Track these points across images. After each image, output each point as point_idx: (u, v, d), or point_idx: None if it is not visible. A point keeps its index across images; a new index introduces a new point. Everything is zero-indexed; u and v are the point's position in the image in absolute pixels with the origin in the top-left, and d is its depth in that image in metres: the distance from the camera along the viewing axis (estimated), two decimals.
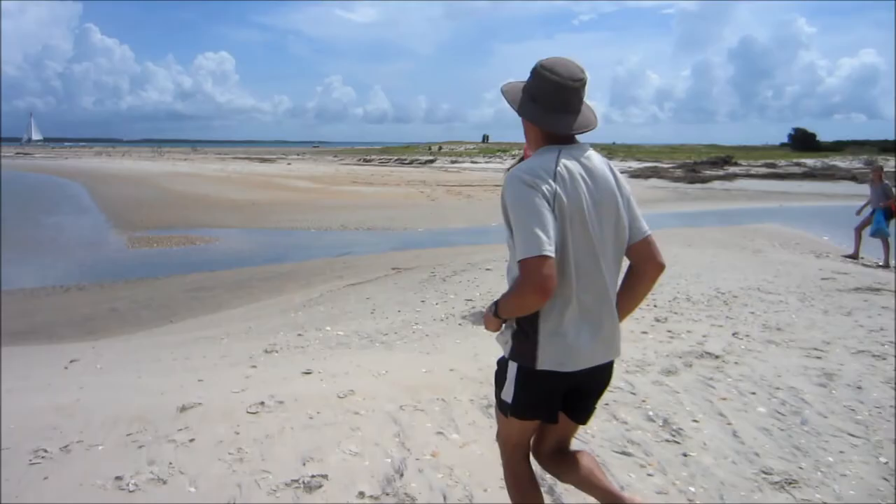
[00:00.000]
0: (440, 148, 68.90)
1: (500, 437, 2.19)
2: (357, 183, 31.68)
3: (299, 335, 5.96)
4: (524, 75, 1.99)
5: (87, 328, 7.25)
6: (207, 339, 6.22)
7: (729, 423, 3.38)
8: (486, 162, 50.69)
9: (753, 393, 3.77)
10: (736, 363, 4.31)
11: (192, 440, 3.15)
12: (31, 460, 2.95)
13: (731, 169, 39.82)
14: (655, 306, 6.17)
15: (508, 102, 1.99)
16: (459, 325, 5.97)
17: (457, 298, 7.09)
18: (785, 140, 71.64)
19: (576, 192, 1.83)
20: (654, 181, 33.82)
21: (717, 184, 32.36)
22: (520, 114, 1.96)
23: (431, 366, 4.49)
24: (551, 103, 1.88)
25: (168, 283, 9.73)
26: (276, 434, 3.23)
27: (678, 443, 3.19)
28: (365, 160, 58.29)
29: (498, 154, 56.43)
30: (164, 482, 2.77)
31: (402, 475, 2.87)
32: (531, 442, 2.20)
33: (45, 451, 3.03)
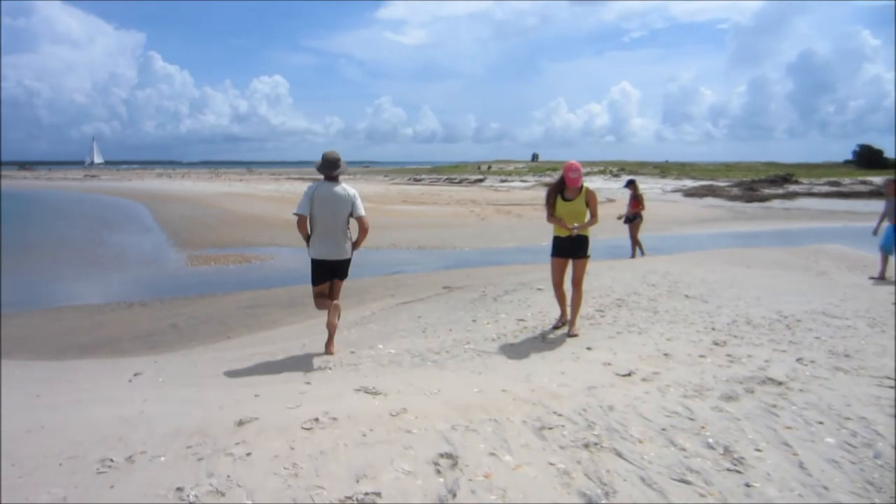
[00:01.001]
0: (489, 167, 69.00)
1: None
2: (407, 202, 31.99)
3: (352, 353, 6.02)
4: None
5: (150, 343, 7.49)
6: (263, 354, 6.33)
7: (795, 454, 3.24)
8: (536, 181, 50.53)
9: (821, 422, 3.61)
10: (801, 390, 4.14)
11: (248, 454, 3.21)
12: (98, 469, 3.05)
13: (792, 187, 38.58)
14: (714, 329, 6.00)
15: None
16: (511, 345, 5.93)
17: (508, 318, 7.05)
18: (849, 157, 69.11)
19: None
20: (709, 200, 33.10)
21: (776, 202, 31.41)
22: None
23: (483, 386, 4.47)
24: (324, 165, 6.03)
25: (225, 300, 9.98)
26: (330, 450, 3.25)
27: (740, 472, 3.08)
28: (415, 179, 58.85)
29: (548, 172, 56.17)
30: (223, 494, 2.83)
31: (454, 495, 2.85)
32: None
33: (112, 460, 3.13)
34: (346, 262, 6.15)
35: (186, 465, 3.09)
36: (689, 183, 43.45)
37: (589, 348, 5.58)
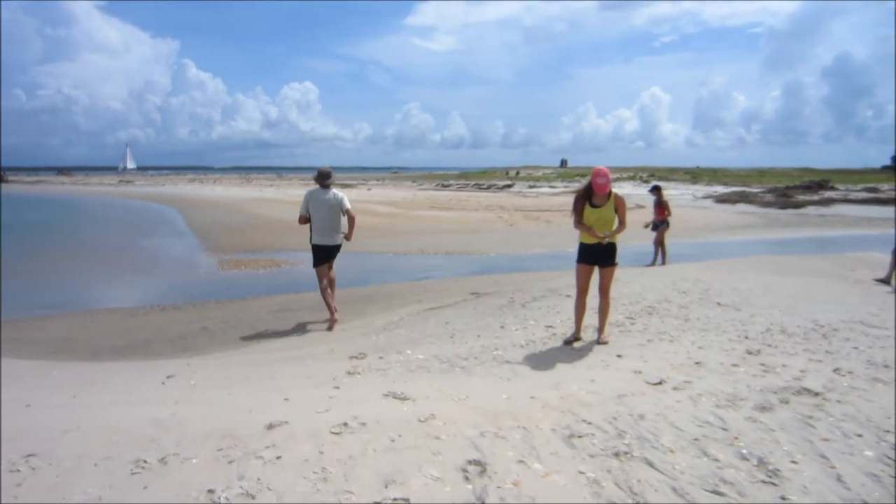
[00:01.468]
0: (518, 173, 68.84)
1: None
2: (435, 208, 32.04)
3: (380, 358, 6.04)
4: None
5: (182, 345, 7.60)
6: (293, 359, 6.39)
7: (832, 467, 3.17)
8: (565, 187, 50.24)
9: (859, 435, 3.53)
10: (839, 402, 4.04)
11: (278, 457, 3.24)
12: (132, 470, 3.11)
13: (827, 193, 37.72)
14: (747, 338, 5.90)
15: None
16: (540, 351, 5.90)
17: (537, 325, 7.01)
18: (888, 162, 67.47)
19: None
20: (741, 206, 32.54)
21: (811, 209, 30.73)
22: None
23: (512, 392, 4.45)
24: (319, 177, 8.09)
25: (255, 304, 10.09)
26: (359, 455, 3.27)
27: (775, 484, 3.02)
28: (443, 185, 58.91)
29: (577, 179, 55.82)
30: (253, 497, 2.85)
31: (483, 503, 2.84)
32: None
33: (145, 461, 3.19)
34: (339, 248, 8.29)
35: (217, 468, 3.13)
36: (721, 189, 42.81)
37: (619, 356, 5.52)
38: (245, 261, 14.62)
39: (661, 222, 13.29)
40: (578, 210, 6.12)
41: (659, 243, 13.28)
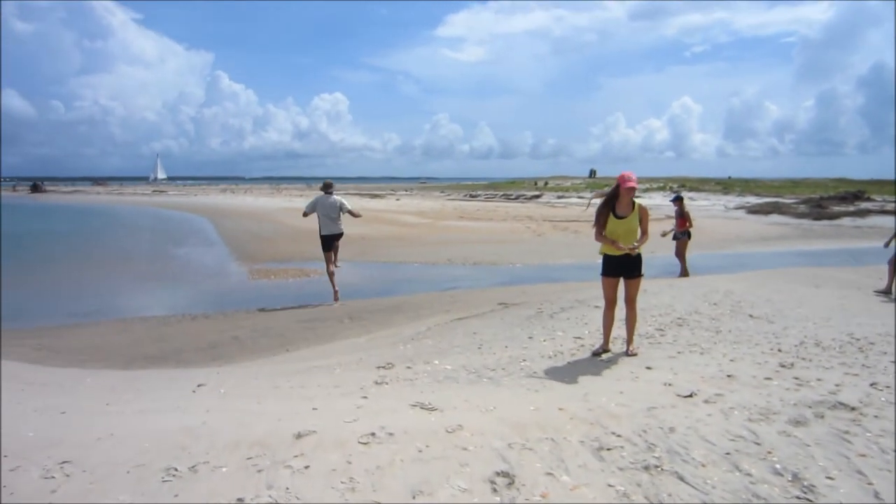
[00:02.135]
0: (546, 183, 68.56)
1: None
2: (463, 218, 32.06)
3: (408, 367, 6.05)
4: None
5: (212, 354, 7.70)
6: (321, 368, 6.43)
7: (870, 483, 3.09)
8: (594, 197, 49.90)
9: None
10: (876, 417, 3.93)
11: (307, 467, 3.25)
12: (163, 478, 3.15)
13: (864, 204, 36.84)
14: (780, 350, 5.79)
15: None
16: (568, 363, 5.85)
17: (565, 336, 6.96)
18: None
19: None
20: (774, 217, 31.97)
21: (846, 220, 30.03)
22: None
23: (540, 404, 4.42)
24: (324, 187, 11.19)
25: (284, 313, 10.19)
26: (387, 465, 3.27)
27: (810, 501, 2.95)
28: (471, 195, 58.90)
29: (605, 188, 55.37)
30: None
31: None
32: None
33: (176, 469, 3.23)
34: (340, 235, 11.20)
35: (247, 477, 3.16)
36: (753, 200, 42.08)
37: (648, 368, 5.46)
38: (274, 270, 14.79)
39: (682, 233, 13.13)
40: (602, 222, 5.95)
41: (680, 255, 13.11)
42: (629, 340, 6.10)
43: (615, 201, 5.90)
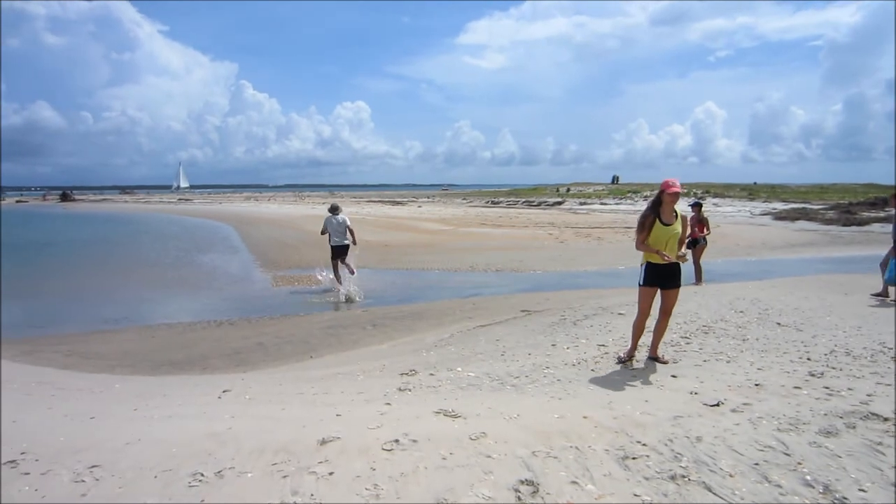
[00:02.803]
0: (568, 189, 68.27)
1: None
2: (485, 225, 32.03)
3: (431, 374, 6.05)
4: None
5: (237, 360, 7.77)
6: (344, 375, 6.45)
7: None
8: (617, 203, 49.60)
9: None
10: None
11: (331, 473, 3.27)
12: (189, 483, 3.18)
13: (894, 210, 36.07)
14: (809, 359, 5.69)
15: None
16: (592, 370, 5.81)
17: (588, 343, 6.91)
18: None
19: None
20: (802, 223, 31.48)
21: (876, 226, 29.44)
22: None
23: (564, 412, 4.39)
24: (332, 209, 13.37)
25: (308, 320, 10.25)
26: (411, 473, 3.27)
27: None
28: (493, 202, 58.90)
29: (628, 195, 55.02)
30: None
31: None
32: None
33: (202, 474, 3.26)
34: (347, 247, 13.26)
35: (272, 482, 3.18)
36: (780, 205, 41.52)
37: (674, 376, 5.40)
38: (298, 277, 14.89)
39: (699, 239, 12.98)
40: (647, 229, 5.70)
41: (696, 261, 12.96)
42: (656, 346, 6.02)
43: (659, 208, 5.71)
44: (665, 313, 5.87)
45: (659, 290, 5.83)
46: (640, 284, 5.84)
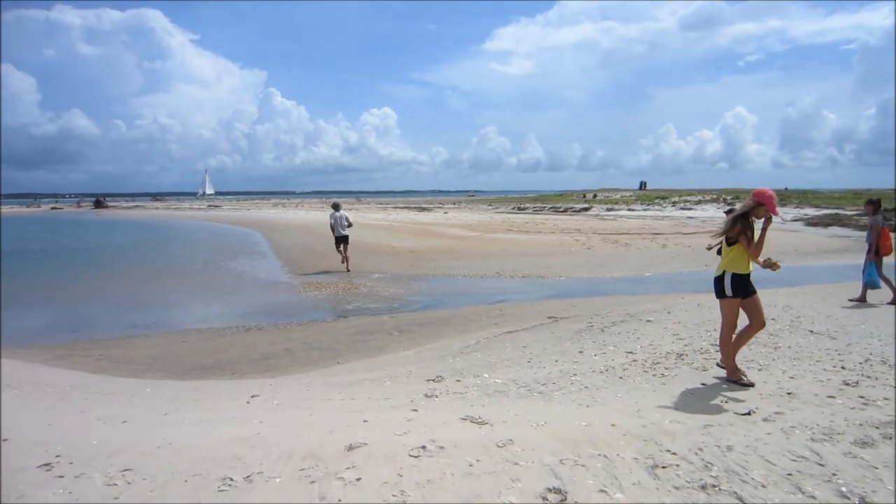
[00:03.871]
0: (595, 195, 67.78)
1: None
2: (511, 231, 31.94)
3: (458, 381, 6.04)
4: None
5: (265, 365, 7.85)
6: (371, 380, 6.48)
7: None
8: (644, 209, 49.11)
9: None
10: None
11: (358, 479, 3.28)
12: (219, 487, 3.22)
13: None
14: (843, 368, 5.57)
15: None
16: (620, 378, 5.75)
17: (616, 350, 6.85)
18: None
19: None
20: (834, 229, 30.82)
21: None
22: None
23: (592, 419, 4.36)
24: (334, 206, 17.79)
25: (335, 325, 10.32)
26: (438, 479, 3.27)
27: None
28: (519, 208, 58.67)
29: (656, 201, 54.44)
30: None
31: None
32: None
33: (231, 479, 3.30)
34: (347, 237, 17.20)
35: (300, 487, 3.20)
36: (812, 211, 40.70)
37: (703, 384, 5.32)
38: (325, 283, 15.00)
39: None
40: (750, 236, 5.42)
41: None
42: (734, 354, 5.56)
43: (749, 219, 5.45)
44: (758, 322, 5.46)
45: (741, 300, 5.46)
46: (726, 296, 5.43)
